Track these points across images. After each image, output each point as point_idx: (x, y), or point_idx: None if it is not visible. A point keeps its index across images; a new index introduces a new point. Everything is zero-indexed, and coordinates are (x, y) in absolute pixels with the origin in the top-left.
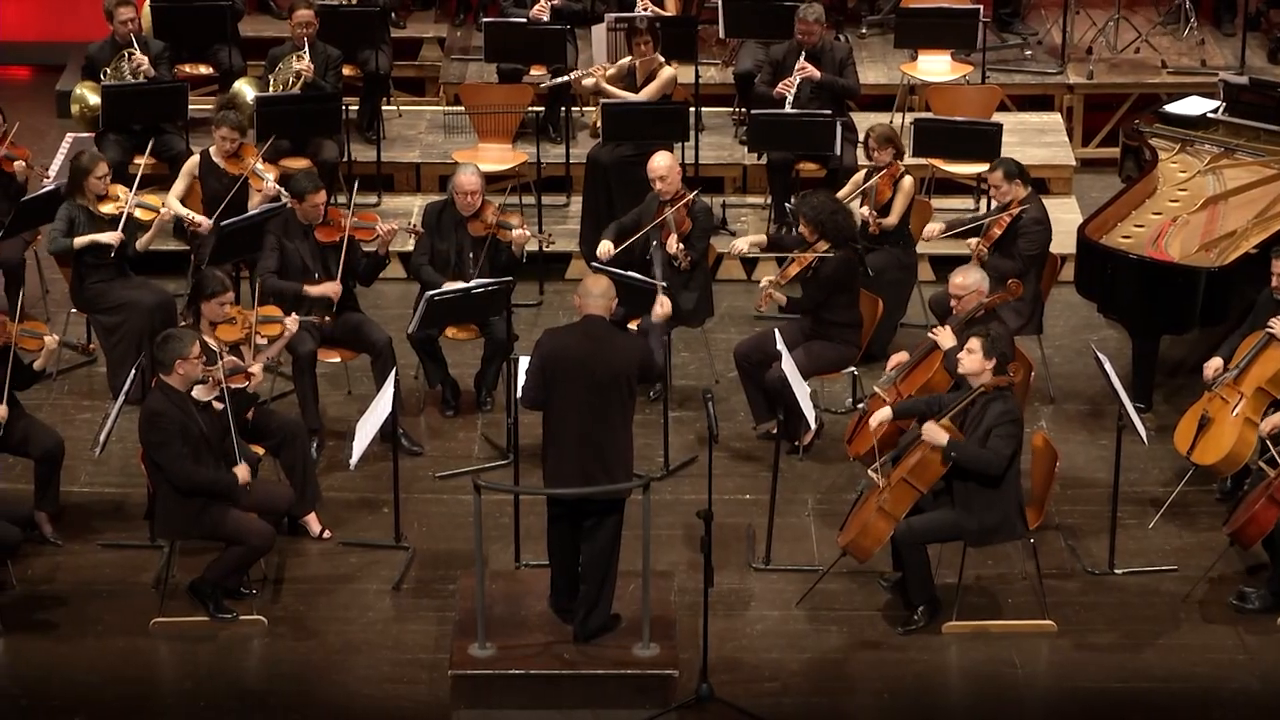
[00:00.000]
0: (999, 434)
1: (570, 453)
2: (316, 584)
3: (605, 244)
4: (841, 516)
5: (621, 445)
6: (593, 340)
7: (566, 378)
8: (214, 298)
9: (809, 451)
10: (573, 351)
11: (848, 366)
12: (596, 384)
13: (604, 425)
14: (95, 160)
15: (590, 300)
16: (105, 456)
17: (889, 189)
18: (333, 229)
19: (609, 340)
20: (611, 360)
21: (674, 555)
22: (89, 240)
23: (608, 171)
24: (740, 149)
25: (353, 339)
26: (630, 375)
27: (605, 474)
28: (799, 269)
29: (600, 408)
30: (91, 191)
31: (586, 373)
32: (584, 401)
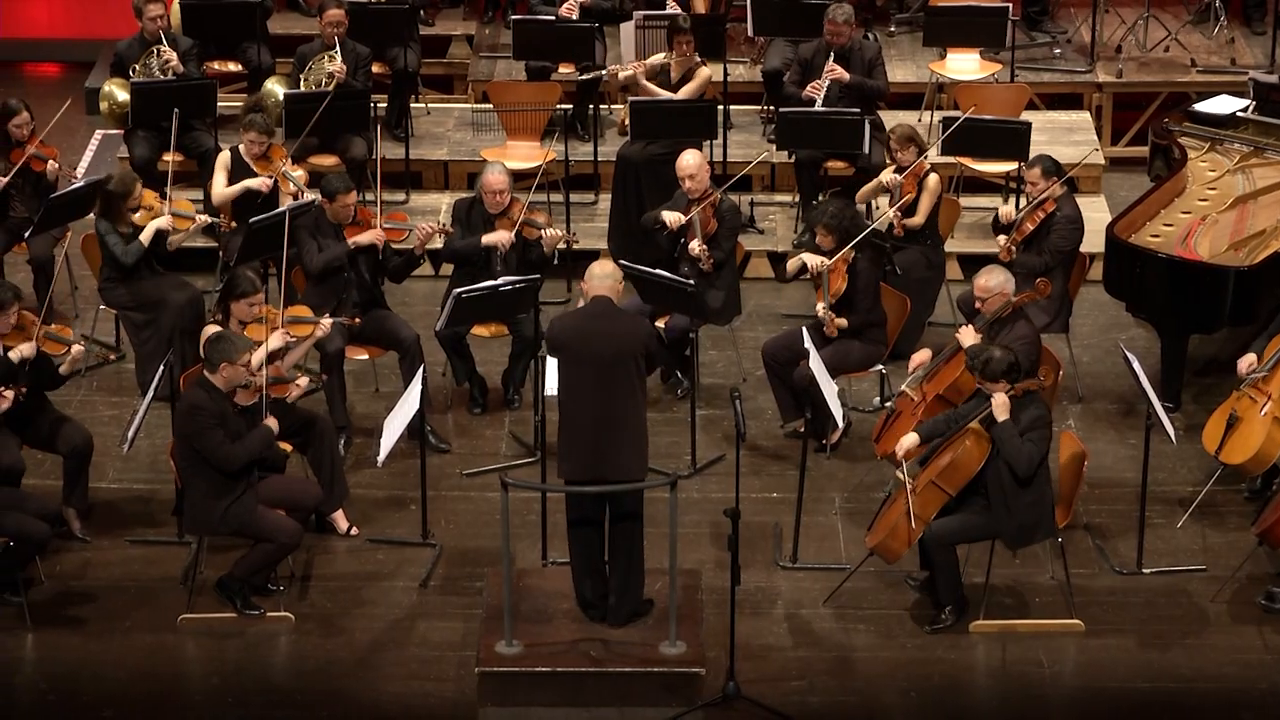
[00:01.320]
0: (1031, 438)
1: (584, 434)
2: (344, 581)
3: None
4: (869, 515)
5: (634, 424)
6: (597, 320)
7: (575, 359)
8: (244, 298)
9: (836, 450)
10: (579, 332)
11: (875, 365)
12: (604, 363)
13: (615, 405)
14: (129, 182)
15: (595, 282)
16: (134, 453)
17: (914, 188)
18: (363, 229)
19: (613, 319)
20: (617, 339)
21: (701, 553)
22: (153, 229)
23: (638, 170)
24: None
25: (381, 336)
26: (637, 354)
27: (619, 453)
28: (843, 281)
29: (610, 387)
30: (127, 217)
31: (593, 352)
32: (594, 381)
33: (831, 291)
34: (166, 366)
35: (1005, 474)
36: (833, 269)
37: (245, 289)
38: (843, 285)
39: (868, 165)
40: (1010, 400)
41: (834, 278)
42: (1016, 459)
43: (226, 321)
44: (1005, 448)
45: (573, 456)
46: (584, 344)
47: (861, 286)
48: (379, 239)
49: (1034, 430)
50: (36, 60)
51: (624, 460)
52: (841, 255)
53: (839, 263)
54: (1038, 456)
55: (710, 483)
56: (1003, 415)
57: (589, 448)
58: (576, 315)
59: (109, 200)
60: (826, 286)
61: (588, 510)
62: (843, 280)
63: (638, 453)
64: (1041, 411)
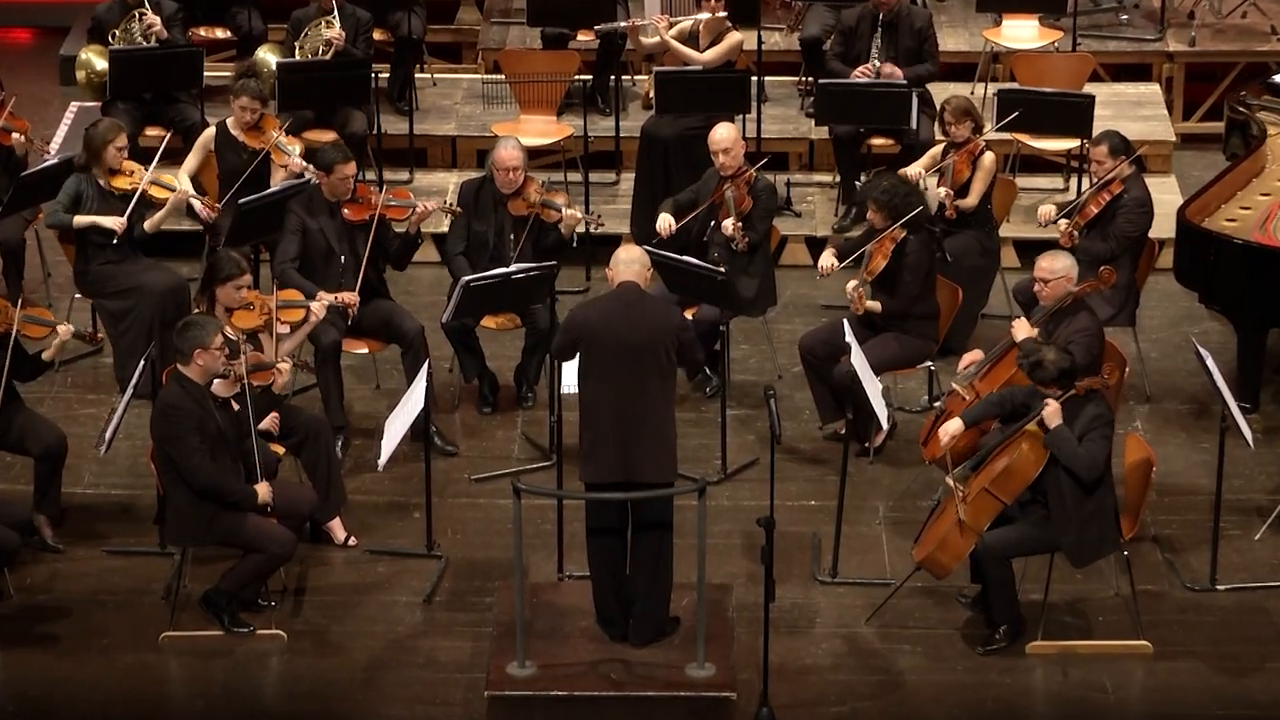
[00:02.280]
0: (1093, 438)
1: (606, 434)
2: (341, 595)
3: (666, 217)
4: (916, 525)
5: (662, 421)
6: (625, 306)
7: (599, 347)
8: (229, 281)
9: (880, 454)
10: (604, 319)
11: (924, 361)
12: (630, 352)
13: (642, 399)
14: (114, 129)
15: (621, 268)
16: (111, 455)
17: (967, 167)
18: (362, 207)
19: (642, 306)
20: (645, 326)
21: (732, 566)
22: (89, 222)
23: (667, 147)
24: (807, 122)
25: (382, 328)
26: (667, 344)
27: (645, 454)
28: (883, 261)
29: (636, 379)
30: (107, 164)
31: (619, 340)
32: (618, 373)
33: (868, 270)
34: (147, 361)
35: (1065, 481)
36: (878, 246)
37: (230, 271)
38: (882, 264)
39: (914, 142)
40: (1068, 399)
41: (875, 255)
42: (1076, 463)
43: (212, 310)
44: (1062, 454)
45: (594, 458)
46: (609, 333)
47: (908, 271)
48: (351, 305)
49: (1094, 430)
50: (7, 25)
51: (650, 463)
52: (889, 233)
53: (885, 240)
54: (1101, 456)
55: (742, 489)
56: (1055, 421)
57: (612, 448)
58: (601, 302)
59: (90, 144)
60: (865, 265)
61: (609, 518)
62: (883, 259)
63: (665, 455)
64: (1102, 410)
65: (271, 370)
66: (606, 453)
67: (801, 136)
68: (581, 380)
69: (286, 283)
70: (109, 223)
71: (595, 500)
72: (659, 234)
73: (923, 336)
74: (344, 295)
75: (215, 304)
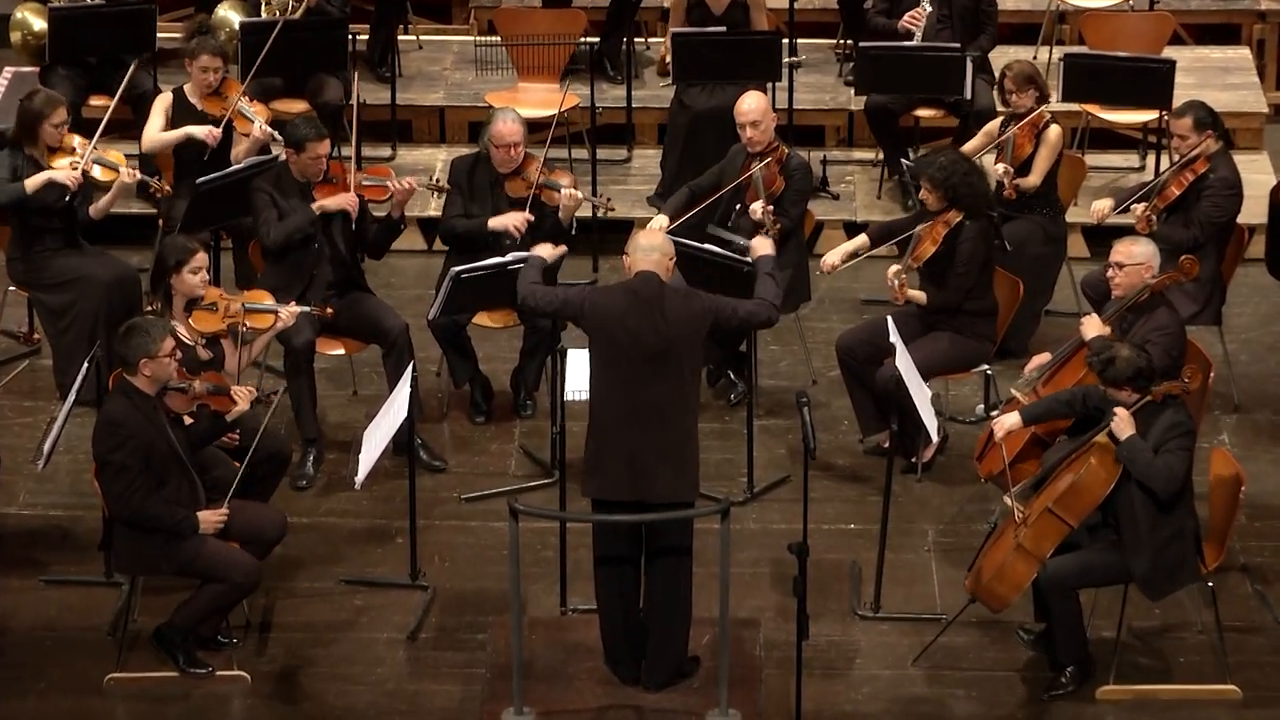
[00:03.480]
0: (1170, 449)
1: (616, 444)
2: (313, 632)
3: (660, 219)
4: (969, 552)
5: (680, 434)
6: (643, 301)
7: (609, 345)
8: (182, 267)
9: (929, 471)
10: (617, 314)
11: (980, 364)
12: (644, 353)
13: (656, 408)
14: (51, 104)
15: (640, 255)
16: (51, 471)
17: (1030, 142)
18: (337, 188)
19: (662, 301)
20: (665, 324)
21: (759, 599)
22: (45, 178)
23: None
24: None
25: (360, 326)
26: (691, 346)
27: (658, 471)
28: (933, 247)
29: (650, 384)
30: (45, 141)
31: (633, 340)
32: (629, 376)
33: (915, 255)
34: (91, 363)
35: (1139, 500)
36: (928, 229)
37: (179, 255)
38: (931, 250)
39: (970, 111)
40: (1143, 406)
41: (924, 239)
42: (1153, 475)
43: (168, 306)
44: (1136, 466)
45: (599, 471)
46: (620, 329)
47: (962, 260)
48: (352, 205)
49: (1171, 440)
50: None
51: (663, 481)
52: (944, 217)
53: (938, 224)
54: (1180, 468)
55: (771, 510)
56: (1126, 432)
57: (620, 463)
58: (616, 291)
59: (24, 119)
60: (911, 249)
61: (620, 544)
62: (933, 245)
63: (682, 473)
64: (1182, 419)
65: (228, 398)
66: (614, 467)
67: (840, 108)
68: (591, 382)
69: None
70: (62, 175)
71: (603, 523)
72: None
73: (978, 336)
74: (344, 199)
75: (172, 298)
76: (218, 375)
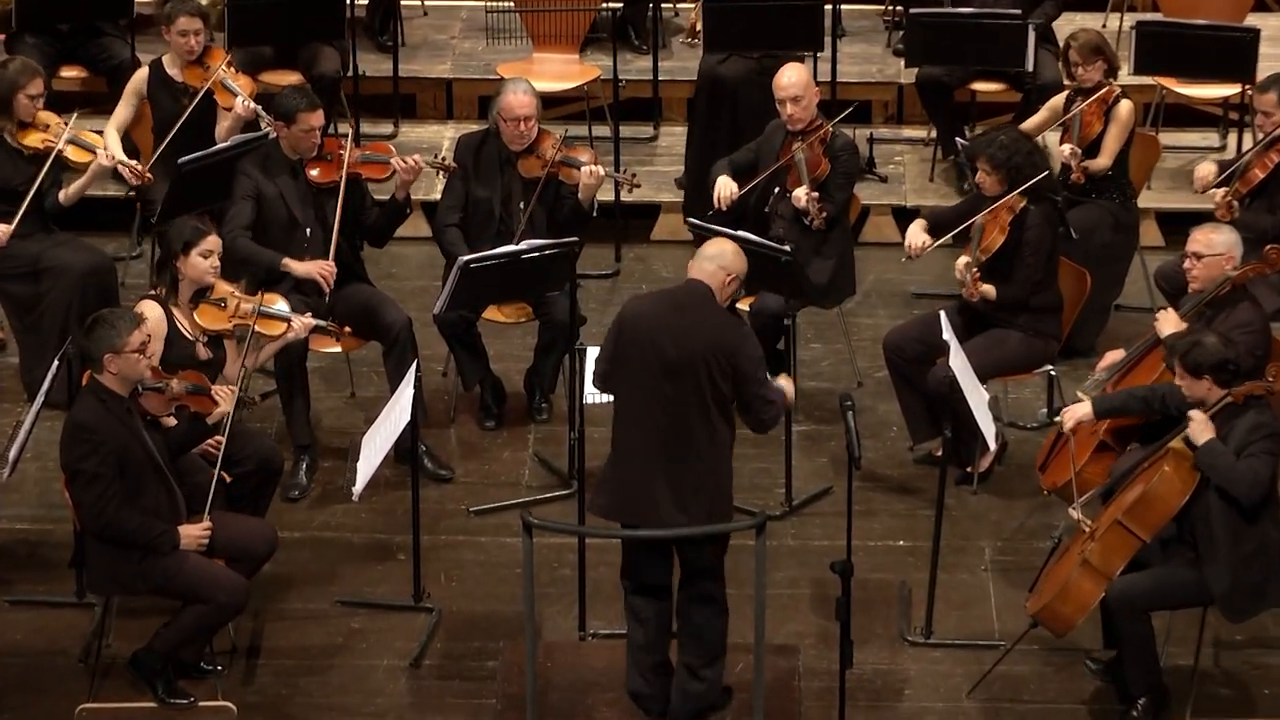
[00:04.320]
0: (1253, 452)
1: (634, 463)
2: (306, 658)
3: (726, 181)
4: (1031, 572)
5: (706, 459)
6: (675, 310)
7: (636, 356)
8: (191, 249)
9: (986, 482)
10: (647, 321)
11: (1043, 364)
12: (669, 368)
13: (680, 428)
14: (28, 72)
15: (699, 262)
16: (17, 480)
17: (1098, 120)
18: (331, 166)
19: (694, 312)
20: (689, 338)
21: (799, 623)
22: None
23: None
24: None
25: (358, 321)
26: (719, 363)
27: (680, 494)
28: (1002, 236)
29: (672, 404)
30: (18, 115)
31: (657, 351)
32: (654, 392)
33: (983, 246)
34: (62, 361)
35: (1218, 511)
36: (992, 217)
37: (190, 237)
38: (1000, 239)
39: (1032, 85)
40: (1222, 409)
41: (991, 228)
42: (1235, 480)
43: (173, 294)
44: (1217, 470)
45: (607, 488)
46: (649, 340)
47: (1030, 250)
48: (327, 276)
49: (1254, 443)
50: None
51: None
52: (1006, 202)
53: (1001, 211)
54: (1265, 473)
55: (812, 525)
56: (1204, 436)
57: (637, 487)
58: (656, 301)
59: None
60: (978, 240)
61: (647, 563)
62: (1002, 234)
63: (702, 500)
64: (1266, 420)
65: (209, 399)
66: (633, 488)
67: (888, 81)
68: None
69: (239, 252)
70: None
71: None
72: (716, 203)
73: (1041, 333)
74: (316, 266)
75: (180, 283)
76: (197, 374)
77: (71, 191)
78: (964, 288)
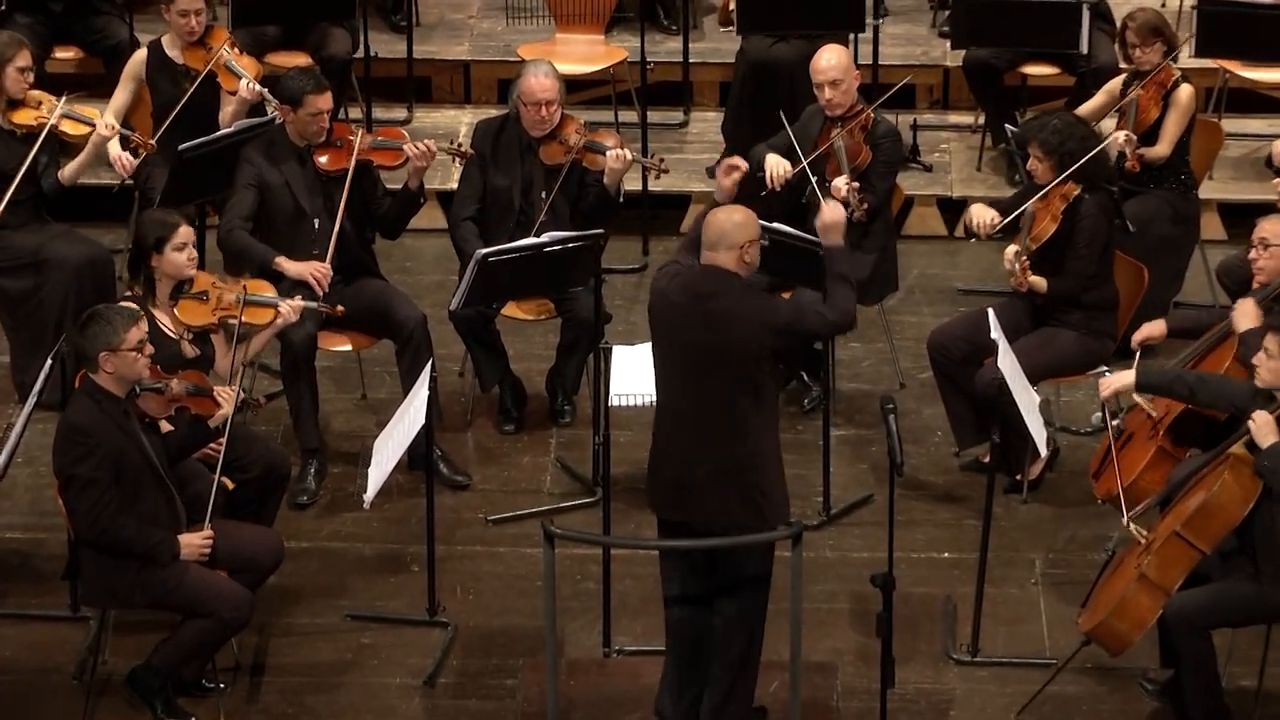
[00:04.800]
0: None
1: (664, 456)
2: (314, 676)
3: (778, 159)
4: (1084, 585)
5: (741, 453)
6: (695, 294)
7: (663, 340)
8: (164, 244)
9: (1037, 490)
10: (668, 303)
11: (1098, 366)
12: (694, 357)
13: (709, 420)
14: (14, 44)
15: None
16: (8, 486)
17: (1156, 105)
18: (341, 152)
19: (719, 297)
20: (715, 327)
21: (837, 639)
22: None
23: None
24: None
25: (370, 318)
26: (751, 355)
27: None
28: (1054, 225)
29: (705, 392)
30: (8, 90)
31: (681, 338)
32: (682, 378)
33: (1034, 234)
34: (56, 360)
35: None
36: (1043, 205)
37: (161, 231)
38: (1051, 228)
39: (1087, 69)
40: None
41: (1042, 216)
42: None
43: (151, 292)
44: (1278, 480)
45: (651, 481)
46: (672, 324)
47: (1084, 241)
48: (322, 279)
49: None
50: None
51: (718, 504)
52: (1058, 189)
53: (1054, 198)
54: None
55: (851, 536)
56: (1269, 438)
57: (665, 480)
58: (678, 279)
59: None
60: (1028, 228)
61: (683, 572)
62: (1054, 222)
63: (749, 496)
64: None
65: (210, 400)
66: (662, 481)
67: (933, 64)
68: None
69: (233, 246)
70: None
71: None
72: (770, 183)
73: (1096, 332)
74: (309, 268)
75: (155, 283)
76: (199, 375)
77: (72, 169)
78: (1012, 277)
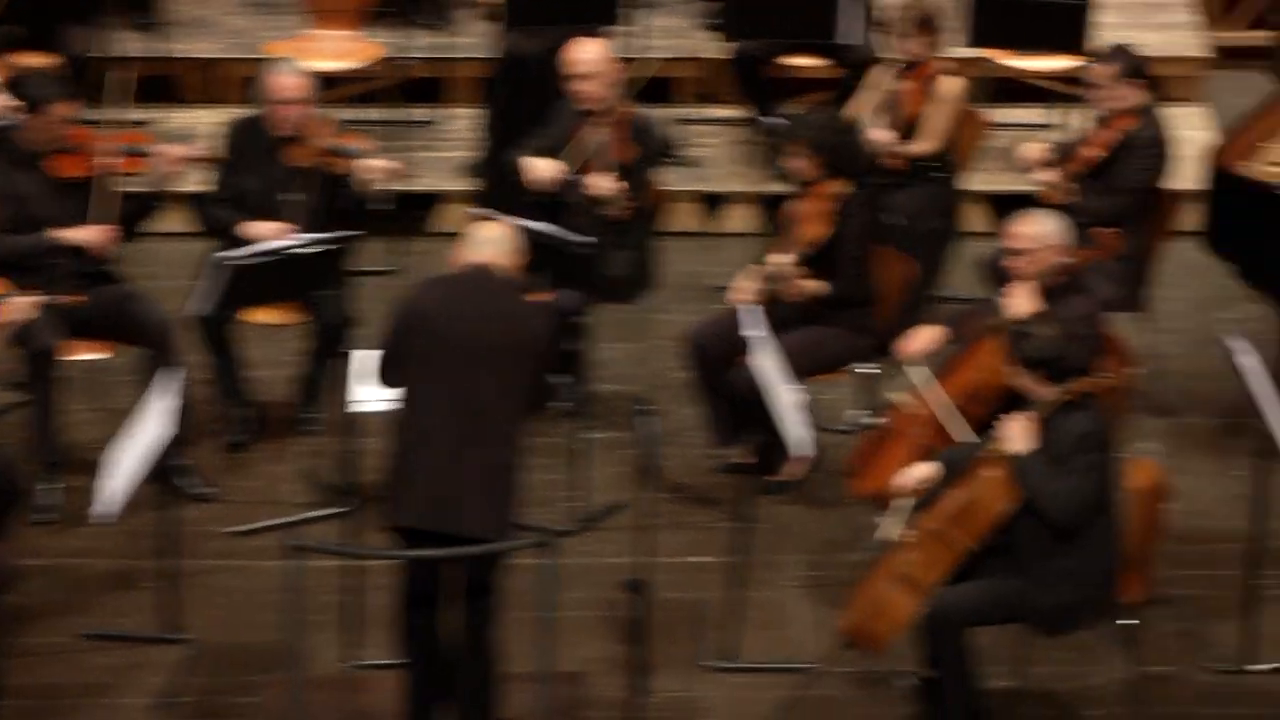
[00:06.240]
0: (1075, 466)
1: (423, 464)
2: (47, 698)
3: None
4: (844, 587)
5: (506, 458)
6: (474, 296)
7: (429, 347)
8: None
9: (796, 491)
10: (441, 308)
11: (858, 361)
12: (471, 360)
13: (479, 425)
14: None
15: (477, 249)
16: None
17: (921, 98)
18: (79, 159)
19: (498, 299)
20: (498, 327)
21: (589, 649)
22: None
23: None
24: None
25: (114, 324)
26: (526, 355)
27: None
28: (827, 225)
29: (478, 394)
30: None
31: (458, 341)
32: (450, 386)
33: (805, 239)
34: None
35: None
36: (810, 207)
37: None
38: (824, 232)
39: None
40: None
41: (811, 220)
42: (1046, 501)
43: None
44: (1029, 488)
45: (406, 496)
46: (447, 328)
47: (853, 239)
48: (104, 244)
49: (1080, 455)
50: None
51: (475, 510)
52: (824, 188)
53: (822, 200)
54: (1082, 493)
55: (605, 542)
56: (1015, 446)
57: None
58: (446, 286)
59: None
60: (795, 234)
61: (432, 590)
62: (825, 225)
63: (498, 503)
64: (1095, 427)
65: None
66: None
67: (696, 56)
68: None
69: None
70: None
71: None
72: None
73: (857, 329)
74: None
75: None
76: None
77: None
78: (788, 289)
